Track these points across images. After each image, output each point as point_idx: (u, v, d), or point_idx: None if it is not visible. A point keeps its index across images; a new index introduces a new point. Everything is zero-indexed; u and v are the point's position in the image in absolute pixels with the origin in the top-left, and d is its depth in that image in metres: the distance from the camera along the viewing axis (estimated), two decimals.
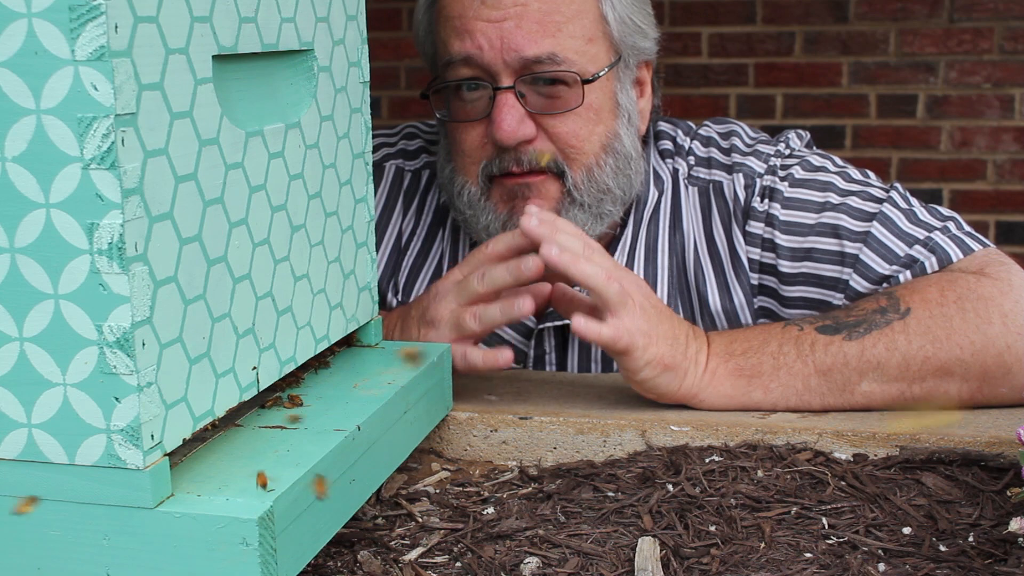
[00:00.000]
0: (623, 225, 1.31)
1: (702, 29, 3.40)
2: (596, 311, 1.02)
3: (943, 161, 3.33)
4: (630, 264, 1.30)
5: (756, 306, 1.27)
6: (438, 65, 1.27)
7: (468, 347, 1.06)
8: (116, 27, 0.62)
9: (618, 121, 1.25)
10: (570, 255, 1.00)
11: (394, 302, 1.36)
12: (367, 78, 0.98)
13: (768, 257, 1.25)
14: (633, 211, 1.30)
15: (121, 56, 0.63)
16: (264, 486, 0.70)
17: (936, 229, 1.18)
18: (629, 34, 1.26)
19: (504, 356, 1.05)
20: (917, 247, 1.17)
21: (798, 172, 1.25)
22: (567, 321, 1.26)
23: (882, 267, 1.18)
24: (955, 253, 1.15)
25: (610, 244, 1.30)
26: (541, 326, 1.29)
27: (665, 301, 1.27)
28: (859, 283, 1.19)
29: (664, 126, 1.36)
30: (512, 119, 1.18)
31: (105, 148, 0.63)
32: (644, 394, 1.05)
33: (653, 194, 1.31)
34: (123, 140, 0.63)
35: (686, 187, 1.30)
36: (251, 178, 0.78)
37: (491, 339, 1.28)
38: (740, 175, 1.27)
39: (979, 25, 3.23)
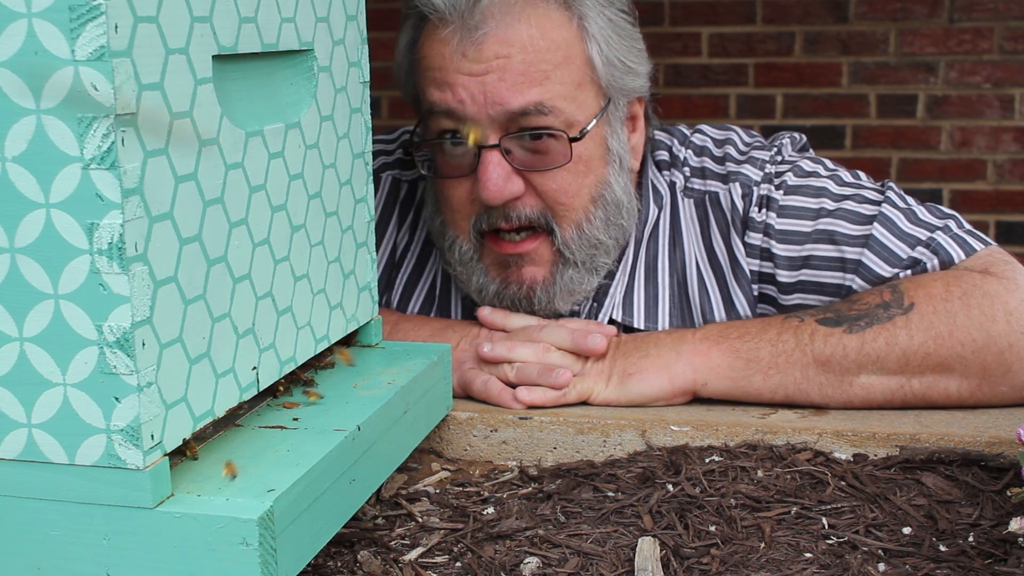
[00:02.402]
0: (624, 247, 1.29)
1: (702, 29, 3.40)
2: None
3: (943, 161, 3.33)
4: (631, 285, 1.27)
5: (757, 315, 1.27)
6: (420, 110, 1.23)
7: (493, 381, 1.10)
8: (116, 27, 0.62)
9: (608, 168, 1.22)
10: (539, 397, 1.06)
11: None
12: (367, 78, 0.98)
13: (767, 267, 1.23)
14: (634, 230, 1.28)
15: (121, 56, 0.63)
16: (233, 476, 0.70)
17: (937, 229, 1.17)
18: (618, 76, 1.21)
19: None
20: (920, 248, 1.16)
21: (790, 179, 1.23)
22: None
23: (884, 270, 1.17)
24: (957, 254, 1.14)
25: (613, 266, 1.28)
26: None
27: (667, 319, 1.25)
28: (862, 287, 1.18)
29: (660, 136, 1.33)
30: (498, 177, 1.14)
31: (105, 148, 0.63)
32: (652, 406, 1.07)
33: (653, 211, 1.28)
34: (123, 140, 0.63)
35: (682, 199, 1.28)
36: (251, 178, 0.78)
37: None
38: (737, 184, 1.24)
39: (979, 25, 3.23)
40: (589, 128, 1.18)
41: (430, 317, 1.26)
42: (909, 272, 1.15)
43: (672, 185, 1.29)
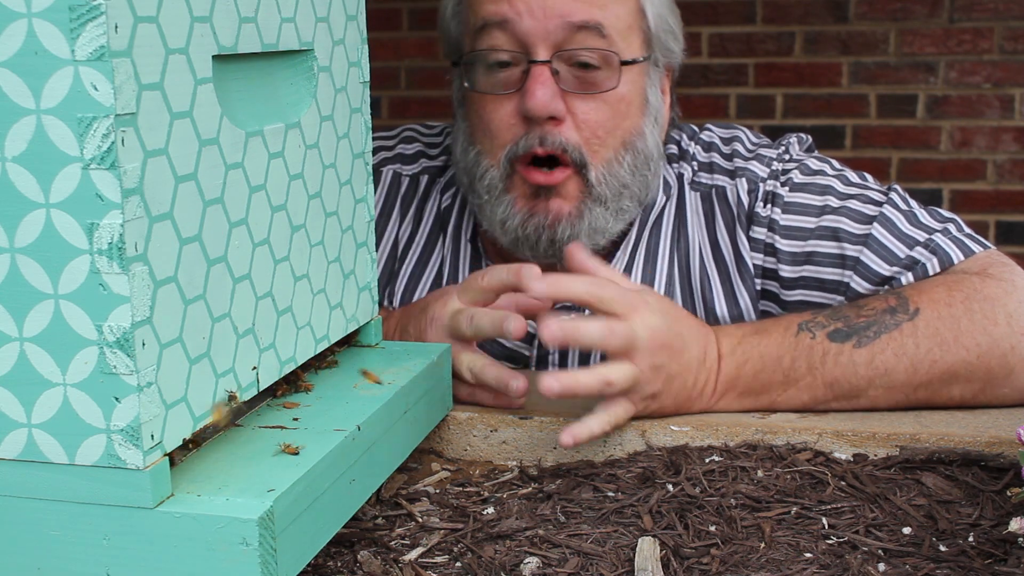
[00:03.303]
0: (628, 228, 1.30)
1: (702, 29, 3.40)
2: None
3: (943, 161, 3.33)
4: (630, 265, 1.29)
5: (760, 310, 1.27)
6: (466, 37, 1.24)
7: (489, 363, 1.04)
8: (116, 27, 0.62)
9: (644, 119, 1.24)
10: (596, 384, 0.96)
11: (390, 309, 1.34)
12: (367, 78, 0.98)
13: (770, 262, 1.24)
14: (639, 215, 1.30)
15: (121, 56, 0.63)
16: (295, 454, 0.74)
17: (936, 231, 1.18)
18: (662, 34, 1.25)
19: (516, 384, 1.01)
20: (918, 248, 1.17)
21: (797, 176, 1.25)
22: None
23: (883, 268, 1.18)
24: (956, 255, 1.15)
25: (614, 246, 1.30)
26: None
27: None
28: (860, 284, 1.19)
29: (670, 131, 1.36)
30: (545, 92, 1.16)
31: (105, 148, 0.63)
32: None
33: (661, 199, 1.30)
34: (123, 140, 0.63)
35: (689, 192, 1.30)
36: (251, 178, 0.78)
37: (492, 346, 1.28)
38: (743, 179, 1.27)
39: (979, 25, 3.23)
40: (639, 60, 1.20)
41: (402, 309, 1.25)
42: (909, 273, 1.16)
43: (680, 177, 1.31)
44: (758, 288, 1.26)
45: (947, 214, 1.22)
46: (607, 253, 1.29)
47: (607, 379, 0.96)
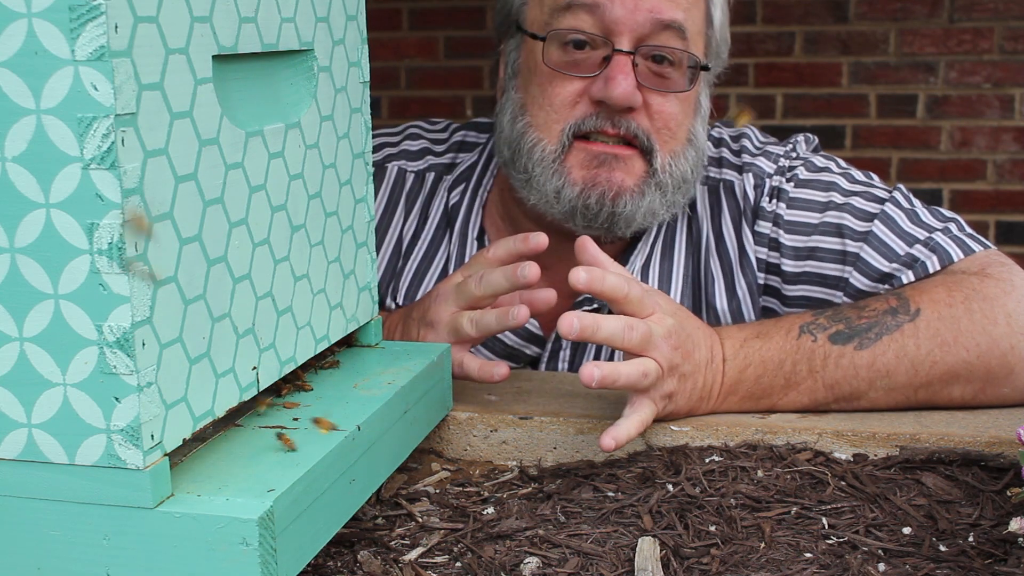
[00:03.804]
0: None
1: None
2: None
3: (943, 161, 3.33)
4: (650, 257, 1.29)
5: (760, 306, 1.28)
6: (542, 11, 1.23)
7: (465, 355, 1.06)
8: (116, 27, 0.62)
9: (697, 119, 1.26)
10: (609, 372, 0.94)
11: (392, 307, 1.34)
12: (367, 78, 0.98)
13: (773, 256, 1.25)
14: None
15: (121, 56, 0.63)
16: (329, 429, 0.78)
17: (937, 230, 1.19)
18: (720, 44, 1.27)
19: (499, 371, 1.04)
20: (918, 246, 1.17)
21: (802, 173, 1.26)
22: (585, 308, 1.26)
23: (882, 264, 1.19)
24: (956, 253, 1.16)
25: (633, 240, 1.30)
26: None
27: (679, 298, 1.27)
28: (859, 280, 1.20)
29: None
30: (629, 82, 1.17)
31: (105, 148, 0.63)
32: None
33: None
34: (123, 140, 0.63)
35: (698, 186, 1.31)
36: (251, 178, 0.78)
37: (495, 344, 1.28)
38: (750, 175, 1.28)
39: (979, 25, 3.23)
40: (709, 66, 1.24)
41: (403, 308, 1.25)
42: (908, 271, 1.17)
43: None
44: (760, 282, 1.27)
45: (949, 214, 1.22)
46: (627, 247, 1.29)
47: (644, 370, 0.95)
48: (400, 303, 1.33)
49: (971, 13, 3.22)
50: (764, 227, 1.26)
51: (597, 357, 1.29)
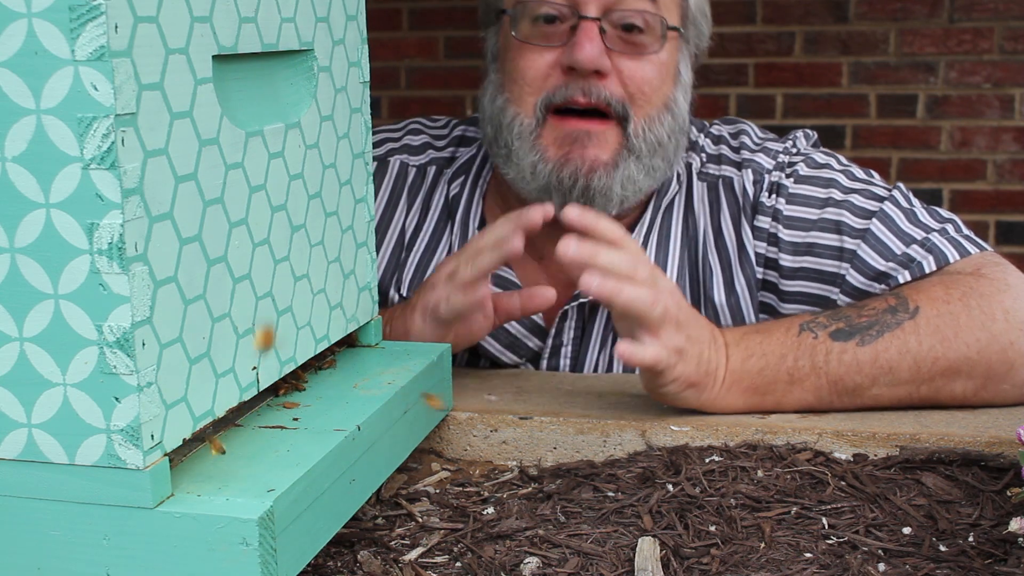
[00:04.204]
0: (643, 210, 1.31)
1: None
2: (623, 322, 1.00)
3: (943, 161, 3.33)
4: (644, 249, 1.30)
5: (758, 301, 1.28)
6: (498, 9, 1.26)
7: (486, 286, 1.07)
8: (116, 27, 0.62)
9: (677, 88, 1.26)
10: (613, 283, 0.95)
11: (396, 298, 1.35)
12: (367, 78, 0.98)
13: (772, 251, 1.26)
14: (654, 199, 1.31)
15: (121, 56, 0.63)
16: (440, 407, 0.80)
17: (934, 230, 1.19)
18: (697, 16, 1.28)
19: (546, 294, 1.06)
20: (915, 247, 1.18)
21: (802, 169, 1.27)
22: (584, 300, 1.27)
23: (879, 263, 1.19)
24: (952, 254, 1.16)
25: (628, 229, 1.30)
26: (566, 307, 1.28)
27: None
28: (855, 278, 1.20)
29: None
30: (594, 46, 1.18)
31: (105, 148, 0.63)
32: (659, 401, 1.04)
33: (674, 187, 1.32)
34: (123, 140, 0.63)
35: (697, 182, 1.32)
36: (251, 178, 0.78)
37: (498, 333, 1.28)
38: (749, 171, 1.29)
39: (979, 25, 3.23)
40: (680, 30, 1.24)
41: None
42: (904, 271, 1.17)
43: (688, 167, 1.33)
44: (759, 277, 1.27)
45: (947, 214, 1.23)
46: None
47: (654, 299, 0.96)
48: (404, 294, 1.35)
49: (971, 13, 3.22)
50: (763, 222, 1.26)
51: (601, 352, 1.29)
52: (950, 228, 1.20)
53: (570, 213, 0.99)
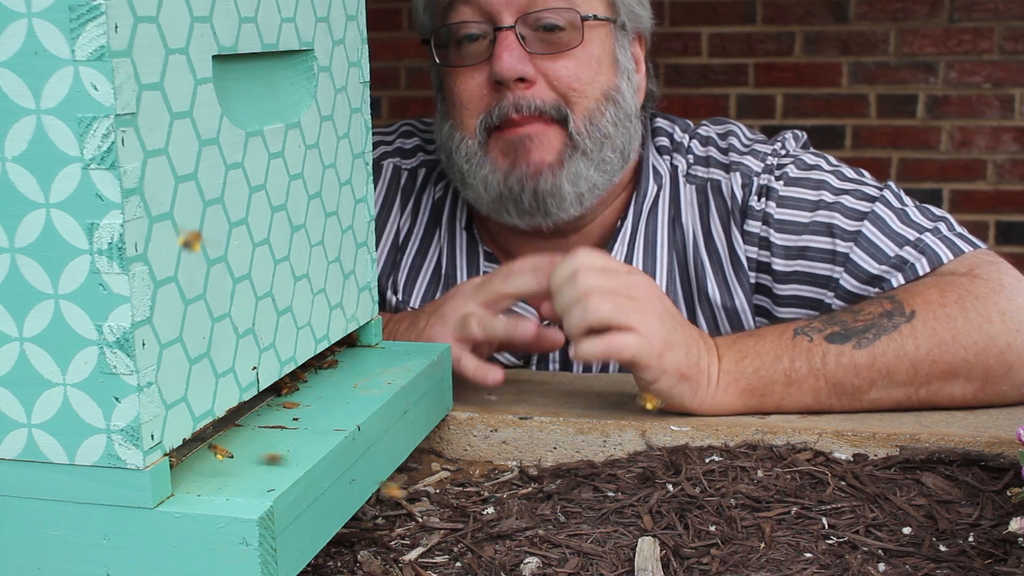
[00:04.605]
0: (623, 217, 1.31)
1: (702, 29, 3.40)
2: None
3: (943, 161, 3.33)
4: (629, 256, 1.30)
5: (754, 304, 1.28)
6: (436, 16, 1.27)
7: (464, 353, 1.06)
8: (116, 27, 0.62)
9: (618, 77, 1.26)
10: (604, 346, 0.98)
11: (393, 300, 1.36)
12: (367, 78, 0.98)
13: (764, 255, 1.25)
14: (633, 203, 1.31)
15: (121, 56, 0.63)
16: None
17: (927, 230, 1.18)
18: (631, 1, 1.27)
19: (493, 376, 1.06)
20: (907, 248, 1.17)
21: (792, 171, 1.26)
22: None
23: (872, 266, 1.18)
24: (945, 255, 1.15)
25: (611, 235, 1.30)
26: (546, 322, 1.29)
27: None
28: (849, 282, 1.20)
29: (661, 123, 1.36)
30: (512, 56, 1.18)
31: (105, 148, 0.63)
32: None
33: (652, 188, 1.31)
34: (123, 140, 0.63)
35: (684, 184, 1.31)
36: (251, 178, 0.78)
37: None
38: (738, 174, 1.27)
39: (979, 25, 3.23)
40: (600, 17, 1.22)
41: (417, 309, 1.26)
42: (898, 273, 1.16)
43: (674, 169, 1.32)
44: (753, 282, 1.27)
45: (939, 212, 1.22)
46: (604, 242, 1.30)
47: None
48: (400, 297, 1.35)
49: (971, 13, 3.22)
50: (753, 226, 1.25)
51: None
52: (943, 227, 1.19)
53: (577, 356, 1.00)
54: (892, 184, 1.25)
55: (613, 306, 0.98)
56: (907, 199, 1.23)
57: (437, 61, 1.26)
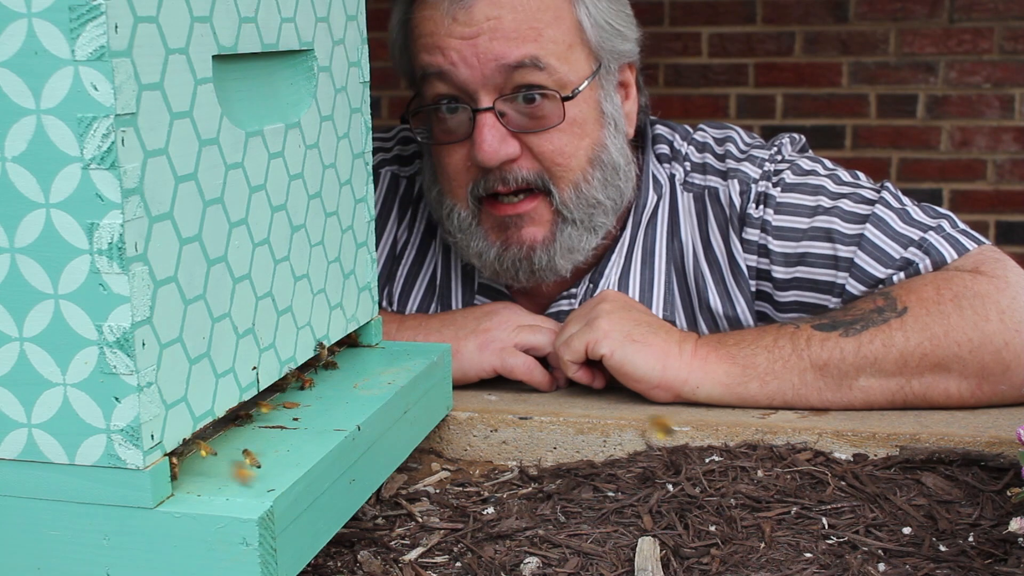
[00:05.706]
0: (621, 229, 1.30)
1: (702, 29, 3.39)
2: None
3: (943, 161, 3.33)
4: (627, 268, 1.29)
5: (755, 311, 1.27)
6: (411, 83, 1.26)
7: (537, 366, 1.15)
8: (116, 27, 0.62)
9: (604, 131, 1.23)
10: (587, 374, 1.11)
11: (389, 311, 1.35)
12: (367, 78, 0.98)
13: (763, 263, 1.24)
14: (632, 215, 1.29)
15: (121, 56, 0.63)
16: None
17: (930, 229, 1.17)
18: (607, 39, 1.23)
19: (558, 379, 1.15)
20: (912, 249, 1.16)
21: (789, 177, 1.24)
22: (563, 308, 1.30)
23: (877, 270, 1.17)
24: (949, 253, 1.15)
25: (608, 249, 1.30)
26: (546, 313, 1.29)
27: (663, 305, 1.27)
28: (855, 287, 1.18)
29: (662, 130, 1.35)
30: (493, 139, 1.16)
31: (105, 148, 0.63)
32: (632, 385, 1.07)
33: (652, 198, 1.30)
34: (123, 140, 0.63)
35: (682, 192, 1.29)
36: (251, 178, 0.78)
37: None
38: (735, 181, 1.26)
39: (979, 25, 3.23)
40: (581, 88, 1.19)
41: (441, 314, 1.27)
42: (902, 274, 1.16)
43: (672, 177, 1.30)
44: (753, 289, 1.26)
45: (941, 210, 1.21)
46: (602, 255, 1.29)
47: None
48: (395, 308, 1.34)
49: (971, 13, 3.22)
50: (752, 234, 1.24)
51: None
52: (945, 224, 1.18)
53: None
54: (888, 184, 1.24)
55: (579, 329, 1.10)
56: (905, 198, 1.22)
57: (420, 139, 1.25)
